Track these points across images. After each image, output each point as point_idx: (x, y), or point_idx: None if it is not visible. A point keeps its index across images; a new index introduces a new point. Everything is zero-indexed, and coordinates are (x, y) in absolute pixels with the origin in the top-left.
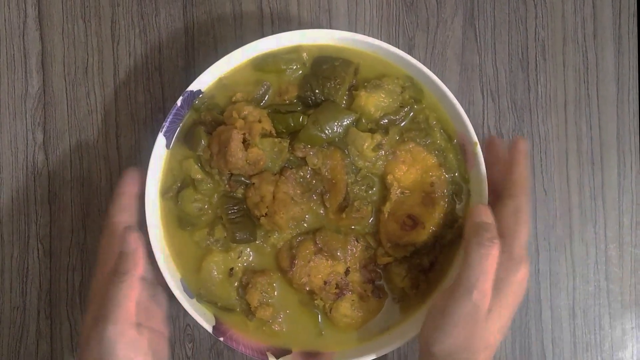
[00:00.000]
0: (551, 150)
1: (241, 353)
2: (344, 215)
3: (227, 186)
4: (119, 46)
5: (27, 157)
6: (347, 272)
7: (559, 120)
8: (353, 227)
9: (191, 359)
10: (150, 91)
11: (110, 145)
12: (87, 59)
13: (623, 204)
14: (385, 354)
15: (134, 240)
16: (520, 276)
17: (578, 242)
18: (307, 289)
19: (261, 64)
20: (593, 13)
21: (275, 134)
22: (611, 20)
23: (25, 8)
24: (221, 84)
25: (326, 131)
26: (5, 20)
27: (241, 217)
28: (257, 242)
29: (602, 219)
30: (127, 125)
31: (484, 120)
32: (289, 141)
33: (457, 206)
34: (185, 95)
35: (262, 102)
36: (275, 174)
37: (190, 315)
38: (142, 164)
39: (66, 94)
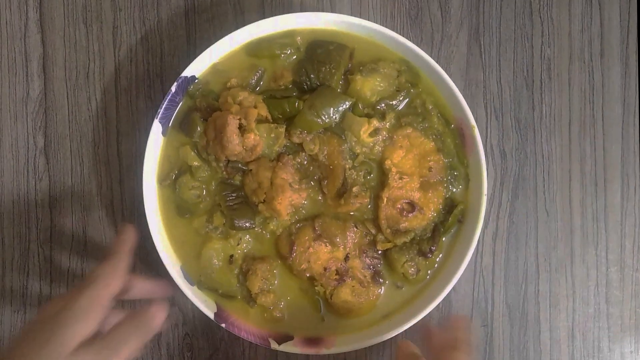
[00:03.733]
0: (554, 171)
1: (241, 339)
2: (342, 201)
3: (224, 173)
4: (121, 52)
5: (28, 162)
6: (346, 258)
7: (562, 140)
8: (352, 213)
9: None
10: (152, 98)
11: (110, 151)
12: (89, 64)
13: (625, 227)
14: (386, 340)
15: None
16: None
17: (579, 264)
18: (307, 275)
19: (255, 49)
20: (600, 32)
21: (271, 120)
22: (619, 39)
23: (26, 11)
24: (215, 69)
25: (322, 116)
26: (6, 23)
27: (239, 204)
28: (256, 229)
29: (604, 242)
30: (128, 132)
31: (487, 138)
32: (285, 127)
33: (456, 191)
34: (180, 81)
35: (257, 87)
36: (272, 160)
37: (189, 315)
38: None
39: (67, 98)
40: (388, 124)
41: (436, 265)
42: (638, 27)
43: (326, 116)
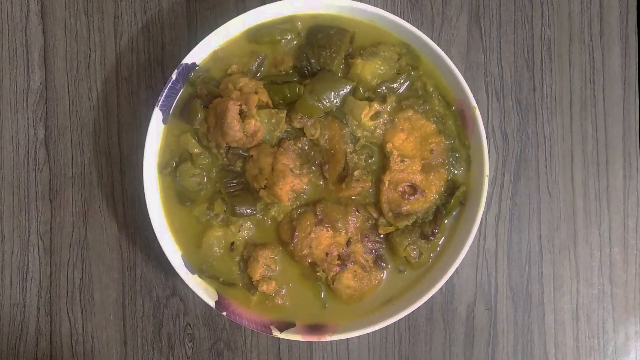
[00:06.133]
0: (556, 152)
1: (242, 328)
2: (343, 185)
3: (225, 159)
4: (122, 41)
5: (28, 153)
6: (348, 242)
7: (564, 121)
8: (353, 197)
9: (191, 359)
10: (153, 87)
11: (111, 142)
12: (90, 55)
13: (628, 206)
14: (389, 325)
15: None
16: None
17: (582, 245)
18: (309, 261)
19: (255, 35)
20: (600, 12)
21: (272, 105)
22: (618, 19)
23: (27, 2)
24: (216, 56)
25: (323, 101)
26: (7, 14)
27: (240, 190)
28: (257, 215)
29: (607, 222)
30: (129, 122)
31: (488, 120)
32: (286, 112)
33: (458, 173)
34: (180, 68)
35: (257, 73)
36: (274, 146)
37: (190, 305)
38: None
39: (68, 89)
40: (389, 107)
41: (438, 248)
42: (637, 7)
43: (327, 100)
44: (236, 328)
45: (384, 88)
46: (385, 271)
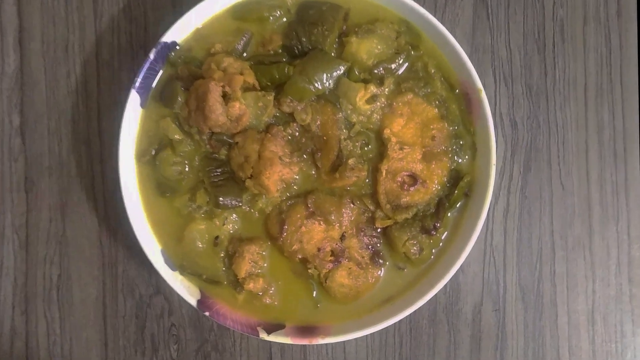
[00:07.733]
0: (569, 141)
1: (231, 329)
2: (337, 175)
3: (208, 146)
4: (102, 22)
5: (2, 142)
6: (342, 237)
7: (578, 108)
8: (348, 188)
9: None
10: (135, 71)
11: (91, 130)
12: (68, 37)
13: None
14: (387, 327)
15: None
16: None
17: (598, 242)
18: (300, 257)
19: (241, 11)
20: None
21: (258, 88)
22: None
23: None
24: (199, 34)
25: (315, 83)
26: None
27: (225, 180)
28: (243, 207)
29: (625, 217)
30: (110, 108)
31: (496, 106)
32: (274, 95)
33: (462, 161)
34: (159, 47)
35: (243, 53)
36: (261, 132)
37: (175, 304)
38: None
39: (45, 73)
40: (387, 89)
41: (441, 244)
42: None
43: (319, 82)
44: (224, 329)
45: (381, 69)
46: (383, 268)
